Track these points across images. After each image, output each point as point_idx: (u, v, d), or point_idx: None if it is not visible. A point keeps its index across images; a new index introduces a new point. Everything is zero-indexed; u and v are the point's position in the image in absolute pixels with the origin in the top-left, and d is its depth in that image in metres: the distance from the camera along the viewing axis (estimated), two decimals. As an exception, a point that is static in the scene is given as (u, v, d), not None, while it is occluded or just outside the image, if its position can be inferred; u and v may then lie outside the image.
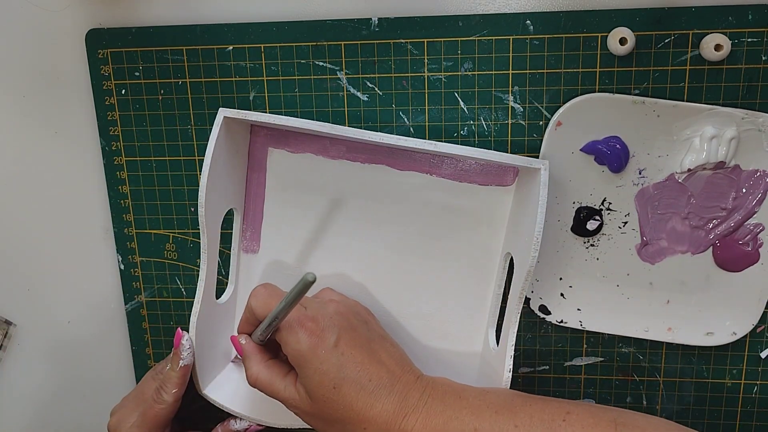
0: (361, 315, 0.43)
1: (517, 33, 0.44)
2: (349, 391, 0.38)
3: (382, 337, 0.42)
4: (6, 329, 0.54)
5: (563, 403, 0.38)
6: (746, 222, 0.45)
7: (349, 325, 0.40)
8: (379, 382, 0.39)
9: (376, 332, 0.42)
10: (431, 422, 0.38)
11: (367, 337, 0.41)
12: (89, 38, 0.47)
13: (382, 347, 0.41)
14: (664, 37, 0.43)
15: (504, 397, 0.39)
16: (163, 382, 0.44)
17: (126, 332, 0.53)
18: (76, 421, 0.56)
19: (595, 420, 0.36)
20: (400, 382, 0.39)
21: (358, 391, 0.38)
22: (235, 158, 0.46)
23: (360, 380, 0.38)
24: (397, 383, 0.39)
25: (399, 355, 0.41)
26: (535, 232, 0.40)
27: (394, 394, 0.38)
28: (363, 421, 0.38)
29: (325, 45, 0.46)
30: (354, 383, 0.38)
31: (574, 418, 0.37)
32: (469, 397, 0.39)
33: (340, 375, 0.38)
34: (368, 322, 0.43)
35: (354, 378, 0.38)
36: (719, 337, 0.46)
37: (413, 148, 0.43)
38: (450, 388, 0.40)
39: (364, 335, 0.41)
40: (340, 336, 0.39)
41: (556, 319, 0.47)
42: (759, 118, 0.42)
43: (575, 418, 0.37)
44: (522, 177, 0.45)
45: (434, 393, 0.39)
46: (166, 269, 0.51)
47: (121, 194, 0.50)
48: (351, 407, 0.38)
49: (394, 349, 0.42)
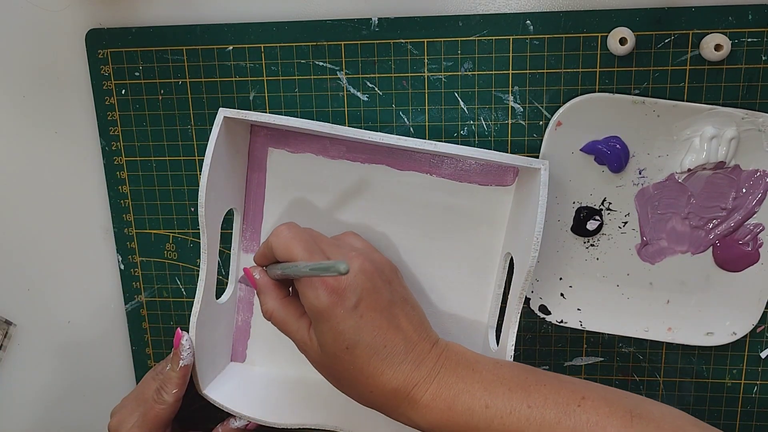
0: (385, 274, 0.40)
1: (517, 33, 0.44)
2: (361, 354, 0.37)
3: (404, 299, 0.40)
4: (6, 329, 0.54)
5: (578, 386, 0.37)
6: (746, 222, 0.45)
7: (372, 286, 0.38)
8: (393, 349, 0.37)
9: (398, 294, 0.40)
10: (441, 394, 0.37)
11: (388, 300, 0.39)
12: (89, 38, 0.47)
13: (403, 311, 0.39)
14: (664, 37, 0.43)
15: (518, 373, 0.38)
16: (163, 383, 0.44)
17: (126, 332, 0.53)
18: (77, 421, 0.56)
19: (610, 409, 0.35)
20: (415, 350, 0.38)
21: (371, 356, 0.37)
22: (235, 158, 0.46)
23: (375, 345, 0.37)
24: (412, 351, 0.38)
25: (418, 320, 0.40)
26: (535, 232, 0.40)
27: (407, 362, 0.37)
28: (371, 385, 0.37)
29: (325, 45, 0.46)
30: (368, 347, 0.37)
31: (589, 404, 0.36)
32: (483, 370, 0.38)
33: (356, 338, 0.37)
34: (392, 282, 0.40)
35: (369, 342, 0.37)
36: (719, 337, 0.46)
37: (413, 148, 0.43)
38: (464, 358, 0.39)
39: (386, 298, 0.38)
40: (362, 297, 0.37)
41: (556, 319, 0.47)
42: (759, 118, 0.42)
43: (590, 405, 0.36)
44: (522, 177, 0.45)
45: (447, 363, 0.38)
46: (166, 269, 0.51)
47: (121, 194, 0.50)
48: (361, 370, 0.37)
49: (414, 313, 0.40)
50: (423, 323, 0.40)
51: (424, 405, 0.37)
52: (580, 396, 0.36)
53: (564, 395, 0.36)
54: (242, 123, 0.46)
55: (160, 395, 0.44)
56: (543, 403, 0.36)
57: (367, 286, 0.38)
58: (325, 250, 0.39)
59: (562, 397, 0.36)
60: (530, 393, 0.36)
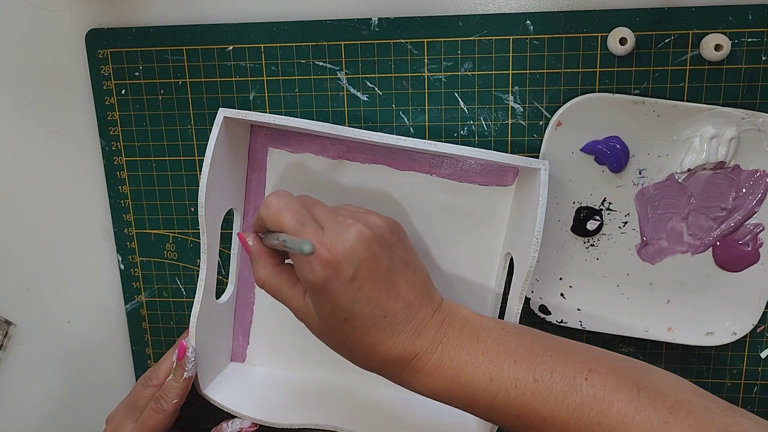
0: (384, 239, 0.38)
1: (517, 33, 0.44)
2: (360, 326, 0.36)
3: (405, 263, 0.38)
4: (6, 329, 0.54)
5: (586, 356, 0.36)
6: (746, 222, 0.45)
7: (370, 256, 0.36)
8: (393, 319, 0.36)
9: (398, 258, 0.38)
10: (444, 365, 0.36)
11: (388, 267, 0.37)
12: (89, 38, 0.47)
13: (403, 277, 0.37)
14: (664, 37, 0.43)
15: (524, 341, 0.37)
16: (164, 392, 0.44)
17: (126, 332, 0.53)
18: (77, 420, 0.56)
19: (617, 382, 0.34)
20: (416, 317, 0.37)
21: (370, 326, 0.36)
22: (235, 158, 0.46)
23: (374, 316, 0.36)
24: (413, 319, 0.37)
25: (420, 283, 0.38)
26: (535, 232, 0.40)
27: (407, 331, 0.36)
28: (371, 354, 0.37)
29: (325, 45, 0.46)
30: (367, 319, 0.36)
31: (596, 377, 0.35)
32: (487, 339, 0.37)
33: (354, 310, 0.36)
34: (392, 246, 0.38)
35: (367, 314, 0.36)
36: (719, 337, 0.46)
37: (413, 148, 0.43)
38: (468, 325, 0.37)
39: (385, 266, 0.37)
40: (359, 269, 0.35)
41: (556, 319, 0.47)
42: (759, 118, 0.42)
43: (597, 378, 0.35)
44: (522, 177, 0.45)
45: (450, 331, 0.37)
46: (166, 269, 0.51)
47: (121, 194, 0.50)
48: (360, 339, 0.37)
49: (416, 276, 0.38)
50: (425, 286, 0.38)
51: (426, 375, 0.36)
52: (587, 368, 0.35)
53: (571, 367, 0.35)
54: (242, 123, 0.46)
55: (160, 404, 0.44)
56: (549, 376, 0.35)
57: (365, 255, 0.36)
58: (321, 219, 0.37)
59: (569, 370, 0.35)
60: (536, 365, 0.35)
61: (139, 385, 0.46)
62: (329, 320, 0.37)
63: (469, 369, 0.36)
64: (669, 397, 0.34)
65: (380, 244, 0.37)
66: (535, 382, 0.35)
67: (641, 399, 0.34)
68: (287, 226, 0.36)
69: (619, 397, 0.34)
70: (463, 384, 0.36)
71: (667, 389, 0.35)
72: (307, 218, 0.37)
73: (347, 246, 0.35)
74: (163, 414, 0.44)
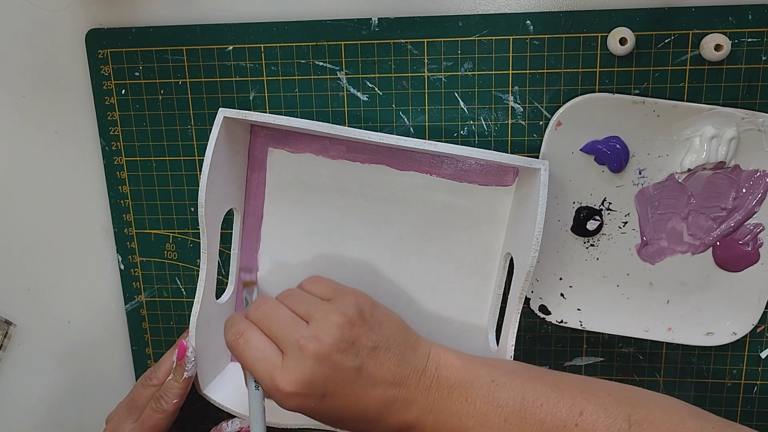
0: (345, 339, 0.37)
1: (517, 33, 0.44)
2: (348, 423, 0.38)
3: (374, 348, 0.37)
4: (6, 329, 0.54)
5: (577, 396, 0.36)
6: (746, 222, 0.45)
7: (332, 369, 0.36)
8: (376, 409, 0.37)
9: (366, 348, 0.37)
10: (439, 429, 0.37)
11: (355, 367, 0.36)
12: (89, 38, 0.47)
13: (376, 364, 0.37)
14: (664, 37, 0.43)
15: (515, 394, 0.36)
16: (164, 392, 0.44)
17: (126, 332, 0.53)
18: (77, 420, 0.56)
19: (608, 421, 0.34)
20: (401, 392, 0.37)
21: (358, 422, 0.38)
22: (235, 158, 0.46)
23: (356, 416, 0.37)
24: (398, 397, 0.37)
25: (396, 359, 0.38)
26: (535, 232, 0.40)
27: (395, 410, 0.37)
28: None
29: (325, 45, 0.46)
30: (352, 417, 0.37)
31: (586, 420, 0.35)
32: (476, 400, 0.37)
33: (336, 416, 0.37)
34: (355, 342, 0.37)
35: (351, 415, 0.37)
36: (719, 337, 0.46)
37: (413, 148, 0.43)
38: (457, 384, 0.37)
39: (352, 367, 0.36)
40: (326, 386, 0.36)
41: (556, 319, 0.47)
42: (759, 118, 0.42)
43: (587, 420, 0.35)
44: (522, 177, 0.45)
45: (439, 395, 0.37)
46: (166, 269, 0.51)
47: (121, 194, 0.50)
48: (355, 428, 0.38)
49: (389, 354, 0.38)
50: (402, 356, 0.38)
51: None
52: (578, 411, 0.35)
53: (562, 414, 0.35)
54: (242, 123, 0.46)
55: (160, 404, 0.44)
56: (540, 427, 0.35)
57: (326, 371, 0.36)
58: (278, 341, 0.37)
59: (559, 418, 0.35)
60: (526, 419, 0.36)
61: (139, 385, 0.46)
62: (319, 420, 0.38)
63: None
64: (661, 427, 0.34)
65: (340, 349, 0.36)
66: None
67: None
68: (244, 362, 0.38)
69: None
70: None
71: (660, 417, 0.35)
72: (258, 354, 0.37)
73: (306, 373, 0.36)
74: (163, 414, 0.44)
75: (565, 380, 0.37)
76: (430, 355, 0.39)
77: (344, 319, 0.37)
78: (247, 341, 0.38)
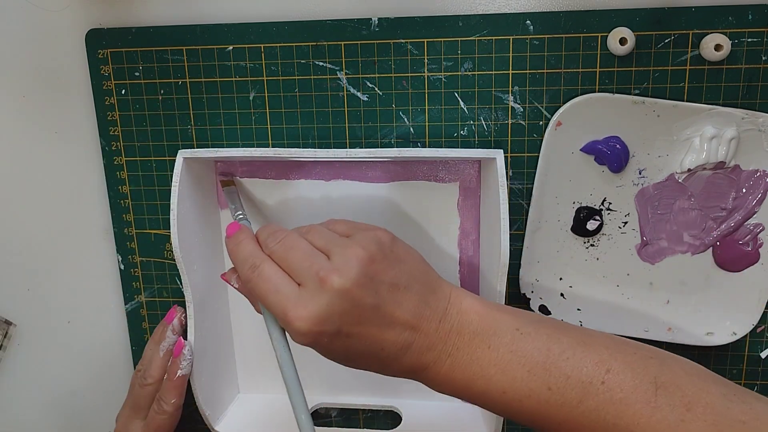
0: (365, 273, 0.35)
1: (517, 33, 0.44)
2: (361, 361, 0.36)
3: (394, 285, 0.35)
4: (6, 329, 0.54)
5: (603, 352, 0.34)
6: (746, 222, 0.45)
7: (350, 304, 0.34)
8: (392, 348, 0.35)
9: (385, 285, 0.35)
10: (456, 375, 0.35)
11: (374, 304, 0.34)
12: (89, 38, 0.47)
13: (395, 302, 0.35)
14: (664, 37, 0.43)
15: (539, 344, 0.35)
16: (162, 393, 0.45)
17: (126, 332, 0.53)
18: (77, 420, 0.56)
19: (634, 381, 0.33)
20: (419, 337, 0.35)
21: (371, 359, 0.36)
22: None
23: (371, 352, 0.35)
24: (415, 339, 0.35)
25: (416, 299, 0.36)
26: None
27: (411, 352, 0.35)
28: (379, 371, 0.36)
29: (325, 45, 0.46)
30: (365, 355, 0.35)
31: (613, 378, 0.33)
32: (500, 347, 0.35)
33: (349, 353, 0.35)
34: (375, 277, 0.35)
35: (364, 352, 0.35)
36: (719, 337, 0.46)
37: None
38: (479, 330, 0.35)
39: (371, 304, 0.34)
40: (342, 322, 0.34)
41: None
42: (759, 118, 0.42)
43: (614, 379, 0.33)
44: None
45: (460, 341, 0.35)
46: (166, 269, 0.51)
47: (121, 194, 0.50)
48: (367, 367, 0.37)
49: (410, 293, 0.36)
50: (423, 297, 0.36)
51: (438, 383, 0.36)
52: (605, 368, 0.34)
53: (588, 369, 0.34)
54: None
55: (160, 406, 0.44)
56: (565, 382, 0.34)
57: (344, 308, 0.34)
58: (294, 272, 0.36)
59: (585, 374, 0.34)
60: (551, 372, 0.34)
61: (136, 385, 0.46)
62: (331, 357, 0.37)
63: (481, 382, 0.35)
64: (687, 392, 0.33)
65: (359, 284, 0.34)
66: (549, 390, 0.34)
67: (658, 398, 0.33)
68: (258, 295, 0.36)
69: (636, 398, 0.33)
70: (475, 393, 0.35)
71: (686, 382, 0.34)
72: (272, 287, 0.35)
73: (322, 308, 0.34)
74: (165, 414, 0.44)
75: (590, 334, 0.36)
76: (450, 298, 0.37)
77: (365, 253, 0.35)
78: (261, 274, 0.36)
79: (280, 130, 0.47)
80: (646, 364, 0.34)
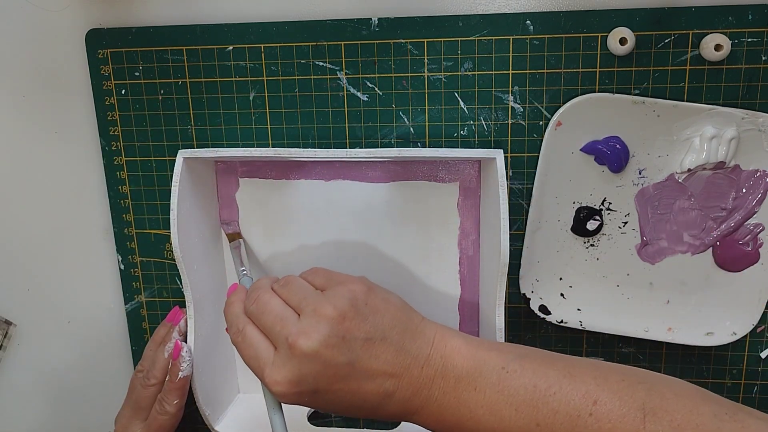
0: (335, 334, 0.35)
1: (517, 33, 0.44)
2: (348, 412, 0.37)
3: (369, 340, 0.35)
4: (6, 329, 0.54)
5: (590, 383, 0.34)
6: (746, 222, 0.45)
7: (323, 365, 0.35)
8: (374, 400, 0.36)
9: (359, 341, 0.35)
10: (444, 418, 0.35)
11: (348, 361, 0.35)
12: (89, 38, 0.47)
13: (371, 356, 0.35)
14: (664, 37, 0.43)
15: (526, 381, 0.35)
16: (164, 394, 0.45)
17: (126, 332, 0.53)
18: (76, 421, 0.56)
19: (623, 410, 0.33)
20: (402, 385, 0.35)
21: (357, 412, 0.37)
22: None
23: (354, 407, 0.36)
24: (398, 389, 0.35)
25: (394, 349, 0.36)
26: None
27: (396, 400, 0.36)
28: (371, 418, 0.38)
29: (325, 45, 0.46)
30: (350, 408, 0.36)
31: (601, 410, 0.33)
32: (486, 389, 0.35)
33: (335, 408, 0.37)
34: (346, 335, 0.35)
35: (347, 406, 0.36)
36: (719, 337, 0.46)
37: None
38: (464, 375, 0.35)
39: (345, 361, 0.35)
40: (317, 381, 0.35)
41: (556, 319, 0.47)
42: (759, 118, 0.42)
43: (601, 410, 0.33)
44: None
45: (445, 385, 0.35)
46: (166, 269, 0.51)
47: (121, 194, 0.50)
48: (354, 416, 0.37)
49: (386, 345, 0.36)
50: (403, 346, 0.36)
51: (431, 425, 0.36)
52: (592, 400, 0.34)
53: (575, 402, 0.34)
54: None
55: (162, 406, 0.45)
56: (553, 418, 0.34)
57: (317, 368, 0.35)
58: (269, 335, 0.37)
59: (573, 408, 0.34)
60: (539, 408, 0.34)
61: (138, 385, 0.46)
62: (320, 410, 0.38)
63: (471, 423, 0.35)
64: (676, 416, 0.33)
65: (329, 345, 0.35)
66: (538, 426, 0.34)
67: (647, 424, 0.33)
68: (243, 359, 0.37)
69: (624, 427, 0.33)
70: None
71: (675, 405, 0.34)
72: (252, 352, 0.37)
73: (294, 372, 0.35)
74: (167, 415, 0.44)
75: (576, 365, 0.36)
76: (434, 341, 0.37)
77: (335, 312, 0.35)
78: (244, 338, 0.37)
79: (280, 130, 0.47)
80: (633, 391, 0.34)
